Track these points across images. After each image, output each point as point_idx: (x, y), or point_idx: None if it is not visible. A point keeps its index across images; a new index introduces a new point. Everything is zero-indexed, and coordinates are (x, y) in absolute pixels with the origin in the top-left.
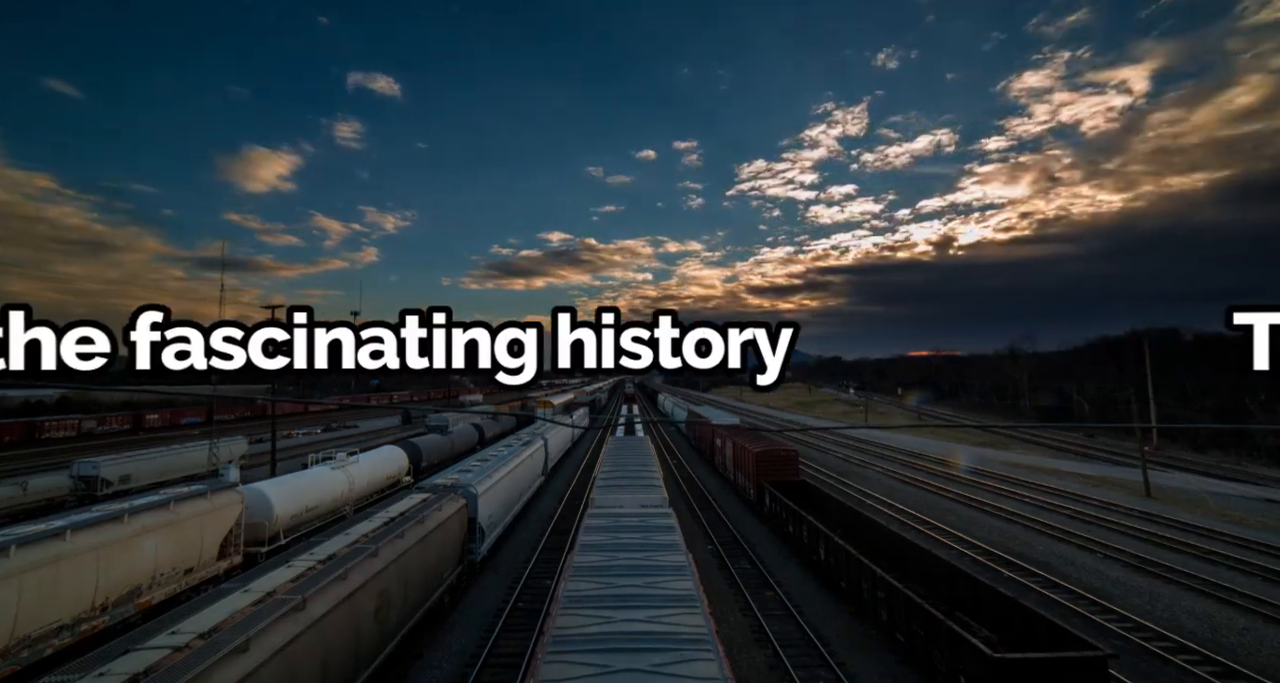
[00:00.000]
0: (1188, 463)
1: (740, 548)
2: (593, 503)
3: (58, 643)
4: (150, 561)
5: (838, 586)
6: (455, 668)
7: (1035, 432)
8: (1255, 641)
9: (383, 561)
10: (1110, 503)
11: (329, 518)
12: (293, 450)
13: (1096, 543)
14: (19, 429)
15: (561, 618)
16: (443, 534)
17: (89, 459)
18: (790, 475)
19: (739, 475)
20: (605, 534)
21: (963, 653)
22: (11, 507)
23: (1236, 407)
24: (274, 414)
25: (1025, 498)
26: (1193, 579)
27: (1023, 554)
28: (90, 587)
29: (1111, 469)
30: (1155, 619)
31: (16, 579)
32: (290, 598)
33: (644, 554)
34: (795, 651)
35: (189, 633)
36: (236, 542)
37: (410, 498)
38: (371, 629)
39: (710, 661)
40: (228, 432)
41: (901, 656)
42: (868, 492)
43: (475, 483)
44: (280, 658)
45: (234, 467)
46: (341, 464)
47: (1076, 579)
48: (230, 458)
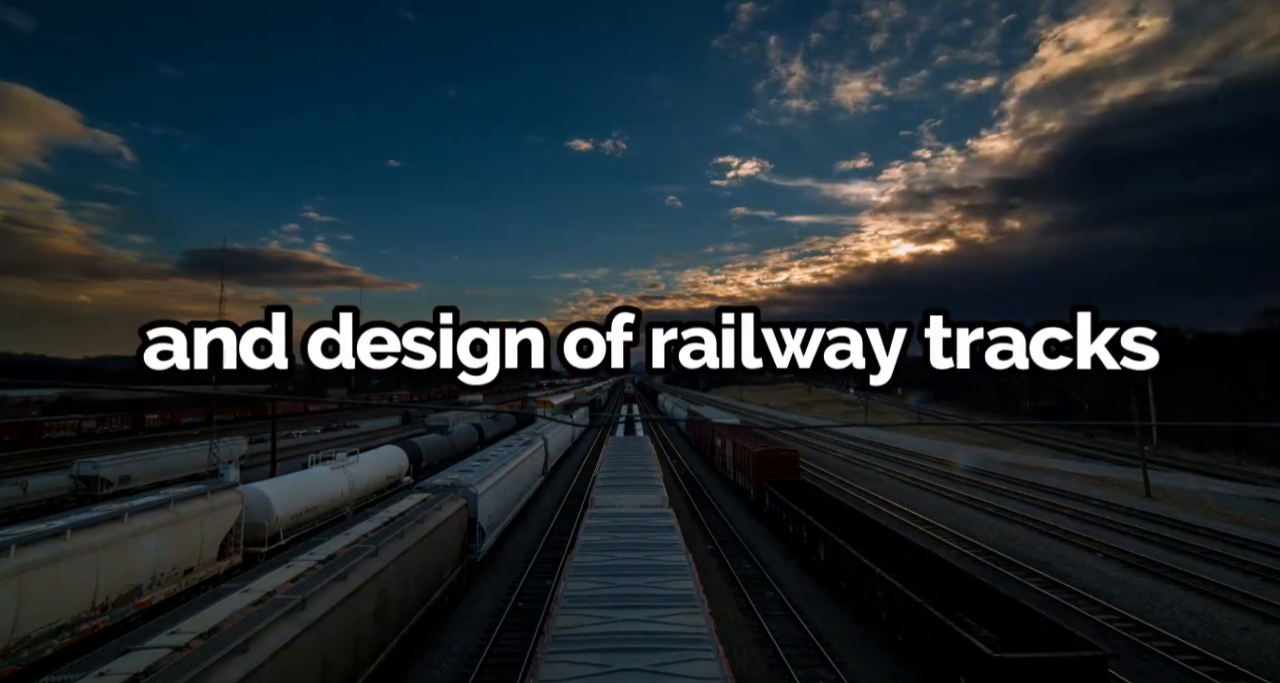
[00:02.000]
0: (1188, 463)
1: (740, 548)
2: (593, 503)
3: (58, 643)
4: (150, 561)
5: (838, 586)
6: (455, 668)
7: (1036, 431)
8: (1255, 641)
9: (383, 561)
10: (1110, 503)
11: (329, 518)
12: (293, 450)
13: (1097, 543)
14: (19, 429)
15: (561, 618)
16: (443, 534)
17: (89, 459)
18: (790, 475)
19: (739, 475)
20: (605, 534)
21: (963, 653)
22: (11, 507)
23: (1236, 406)
24: (274, 414)
25: (1026, 498)
26: (1193, 579)
27: (1023, 554)
28: (90, 587)
29: (1112, 469)
30: (1155, 619)
31: (16, 579)
32: (290, 598)
33: (644, 554)
34: (795, 651)
35: (189, 633)
36: (236, 542)
37: (410, 498)
38: (371, 629)
39: (710, 660)
40: (228, 432)
41: (901, 656)
42: (868, 492)
43: (475, 483)
44: (280, 658)
45: (234, 467)
46: (341, 464)
47: (1077, 579)
48: (230, 458)
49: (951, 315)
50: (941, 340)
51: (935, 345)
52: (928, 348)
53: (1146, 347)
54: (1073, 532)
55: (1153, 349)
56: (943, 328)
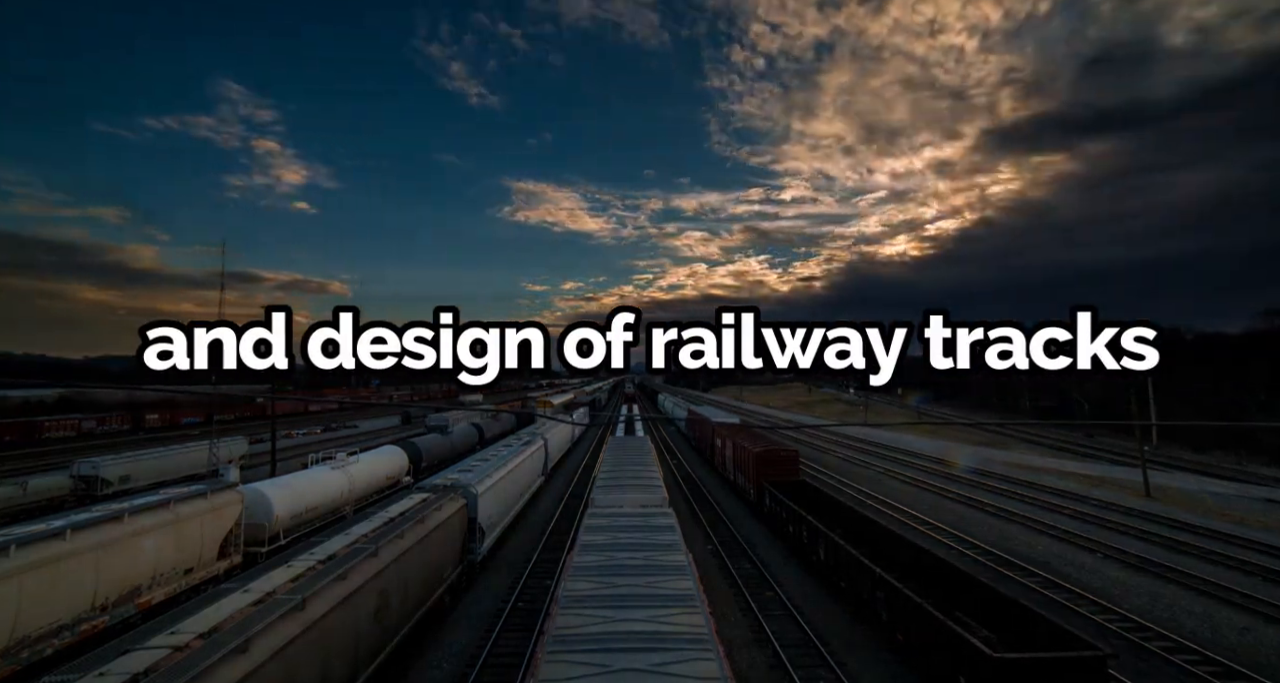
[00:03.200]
0: (1188, 463)
1: (740, 548)
2: (593, 503)
3: (58, 643)
4: (150, 561)
5: (838, 586)
6: (455, 668)
7: (1036, 431)
8: (1255, 641)
9: (383, 561)
10: (1110, 503)
11: (329, 518)
12: (293, 450)
13: (1097, 543)
14: (19, 429)
15: (562, 618)
16: (443, 534)
17: (89, 459)
18: (790, 476)
19: (739, 475)
20: (605, 534)
21: (962, 653)
22: (11, 507)
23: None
24: (274, 414)
25: (1026, 498)
26: (1193, 579)
27: (1023, 554)
28: (90, 587)
29: (1112, 469)
30: (1155, 619)
31: (16, 579)
32: (290, 598)
33: (644, 554)
34: (795, 651)
35: (189, 633)
36: (236, 542)
37: (410, 498)
38: (371, 629)
39: (710, 660)
40: (228, 432)
41: (901, 655)
42: (868, 492)
43: (475, 483)
44: (280, 658)
45: (234, 467)
46: (341, 464)
47: (1077, 579)
48: (230, 458)
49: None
50: (941, 340)
51: (935, 345)
52: (928, 348)
53: (1146, 347)
54: (1073, 532)
55: (1153, 349)
56: (943, 328)
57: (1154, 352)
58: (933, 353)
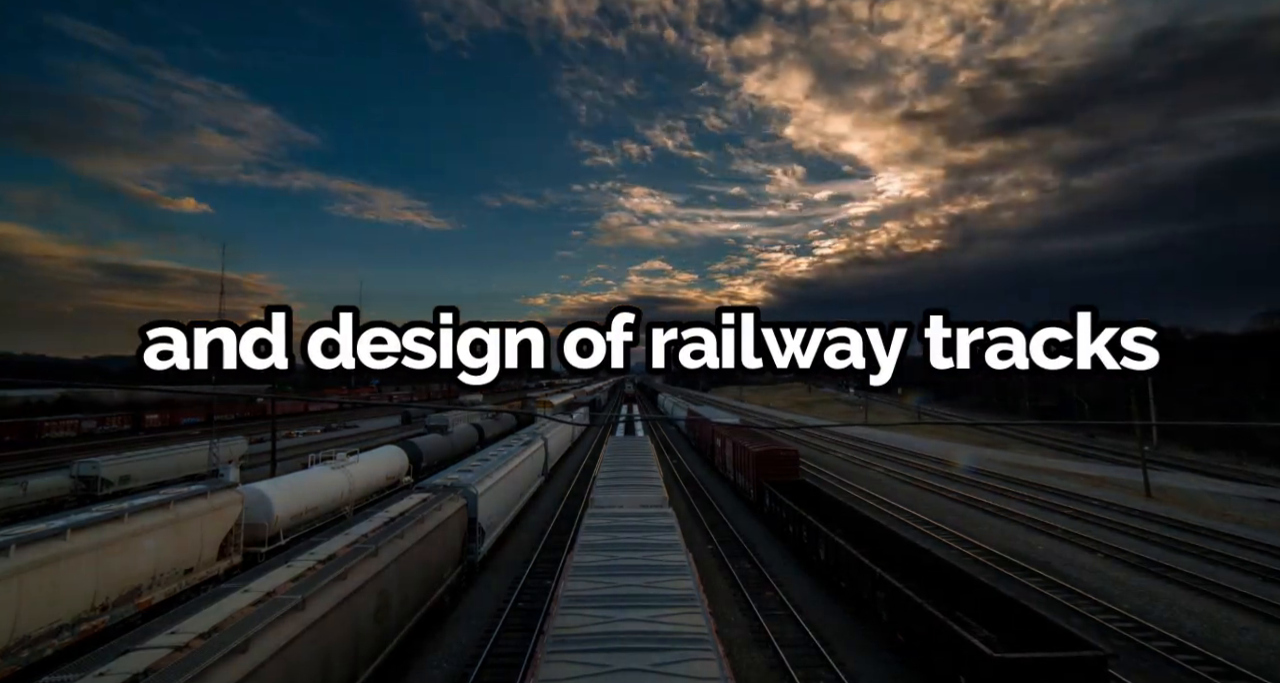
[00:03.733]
0: (1188, 463)
1: (740, 548)
2: (593, 503)
3: (58, 643)
4: (150, 561)
5: (838, 586)
6: (455, 668)
7: (1036, 431)
8: (1255, 641)
9: (383, 561)
10: (1111, 503)
11: (329, 518)
12: (293, 450)
13: (1097, 543)
14: (19, 429)
15: (562, 618)
16: (443, 534)
17: (89, 459)
18: (790, 475)
19: (739, 475)
20: (605, 534)
21: (963, 653)
22: (11, 507)
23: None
24: (274, 414)
25: (1026, 498)
26: (1193, 579)
27: (1023, 554)
28: (90, 587)
29: (1112, 469)
30: (1155, 619)
31: (16, 579)
32: (290, 598)
33: (644, 554)
34: (795, 651)
35: (189, 633)
36: (236, 542)
37: (410, 498)
38: (371, 629)
39: (710, 660)
40: (228, 432)
41: (901, 656)
42: (868, 492)
43: (475, 483)
44: (280, 658)
45: (234, 467)
46: (341, 464)
47: (1077, 579)
48: (230, 458)
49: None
50: (941, 340)
51: (935, 345)
52: (928, 348)
53: (1146, 347)
54: (1073, 532)
55: (1153, 349)
56: (943, 328)
57: (1154, 352)
58: (933, 353)
